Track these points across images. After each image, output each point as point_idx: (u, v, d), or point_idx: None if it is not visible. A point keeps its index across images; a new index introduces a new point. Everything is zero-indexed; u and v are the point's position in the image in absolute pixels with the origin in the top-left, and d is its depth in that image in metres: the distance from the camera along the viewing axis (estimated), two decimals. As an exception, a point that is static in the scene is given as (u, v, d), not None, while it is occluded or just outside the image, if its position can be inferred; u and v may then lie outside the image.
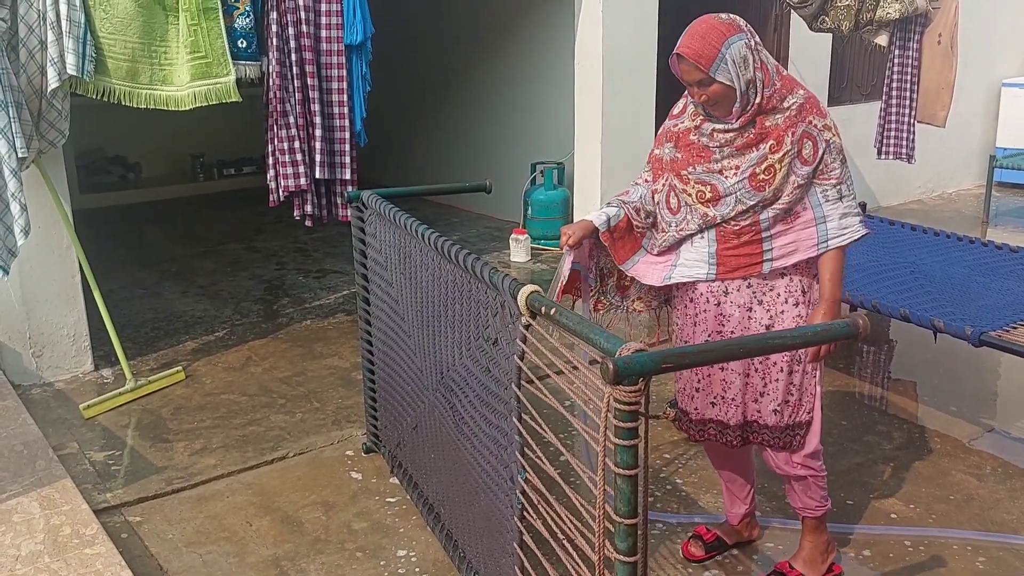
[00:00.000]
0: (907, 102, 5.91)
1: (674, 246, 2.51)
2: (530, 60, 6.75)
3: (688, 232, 2.45)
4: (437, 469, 2.86)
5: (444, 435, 2.73)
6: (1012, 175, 7.86)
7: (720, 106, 2.35)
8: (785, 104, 2.35)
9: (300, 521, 3.05)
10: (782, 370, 2.45)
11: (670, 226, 2.49)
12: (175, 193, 8.34)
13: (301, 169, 4.03)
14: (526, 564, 2.20)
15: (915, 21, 5.85)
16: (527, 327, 2.06)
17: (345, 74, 4.05)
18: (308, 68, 3.98)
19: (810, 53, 6.89)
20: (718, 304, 2.48)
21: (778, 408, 2.47)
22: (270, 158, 4.06)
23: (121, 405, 3.91)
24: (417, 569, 2.77)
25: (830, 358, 2.85)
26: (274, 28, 3.90)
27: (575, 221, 2.75)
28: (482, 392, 2.38)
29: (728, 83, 2.29)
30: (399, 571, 2.77)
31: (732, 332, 2.46)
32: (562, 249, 2.52)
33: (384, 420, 3.39)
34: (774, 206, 2.35)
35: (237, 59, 3.88)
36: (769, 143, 2.33)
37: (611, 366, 1.61)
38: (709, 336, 2.50)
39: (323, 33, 4.00)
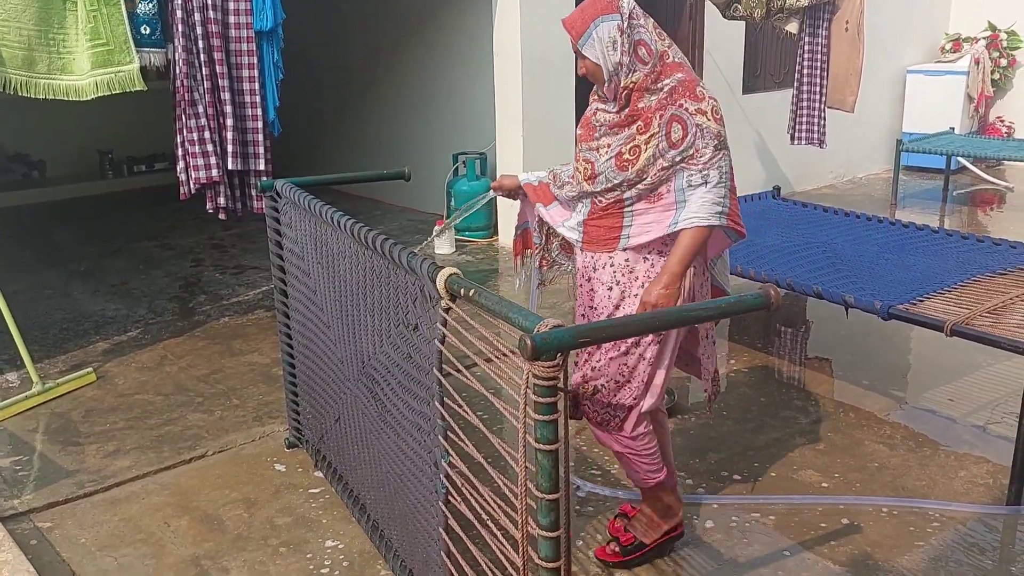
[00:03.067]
0: (817, 88, 6.08)
1: (569, 205, 2.59)
2: (450, 50, 6.70)
3: (572, 196, 2.54)
4: (361, 460, 2.81)
5: (367, 425, 2.68)
6: (918, 159, 8.16)
7: (599, 83, 2.41)
8: (658, 86, 2.36)
9: (221, 519, 2.97)
10: (619, 350, 2.44)
11: (566, 187, 2.57)
12: (83, 191, 8.02)
13: (212, 160, 3.92)
14: (452, 549, 2.18)
15: (823, 8, 6.02)
16: (447, 310, 2.04)
17: (256, 61, 3.95)
18: (216, 55, 3.87)
19: (724, 42, 7.02)
20: (588, 280, 2.54)
21: (603, 386, 2.48)
22: (179, 149, 3.93)
23: (28, 409, 3.74)
24: (343, 561, 2.73)
25: (747, 335, 2.90)
26: (179, 14, 3.77)
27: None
28: (404, 379, 2.34)
29: (595, 60, 2.36)
30: (324, 563, 2.72)
31: (599, 309, 2.50)
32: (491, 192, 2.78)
33: (306, 414, 3.33)
34: (638, 186, 2.37)
35: (140, 46, 3.75)
36: (637, 124, 2.37)
37: (529, 342, 1.61)
38: (584, 310, 2.57)
39: (231, 19, 3.89)
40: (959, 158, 7.85)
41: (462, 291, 1.97)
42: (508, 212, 6.19)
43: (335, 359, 2.85)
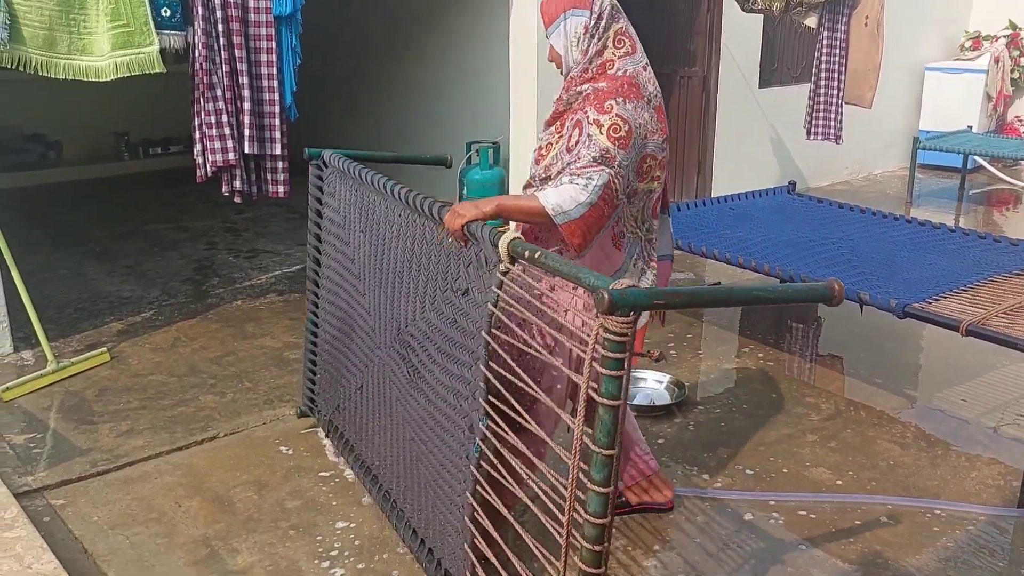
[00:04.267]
0: (835, 83, 6.04)
1: None
2: (465, 38, 6.69)
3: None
4: (381, 428, 2.83)
5: (394, 392, 2.71)
6: (935, 157, 8.10)
7: (560, 72, 2.44)
8: (579, 90, 2.37)
9: (231, 501, 2.99)
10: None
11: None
12: (98, 173, 8.03)
13: (229, 144, 3.92)
14: (479, 513, 2.19)
15: (843, 3, 5.98)
16: (505, 273, 2.08)
17: (274, 46, 3.95)
18: (235, 39, 3.87)
19: (742, 35, 6.98)
20: None
21: None
22: (197, 132, 3.94)
23: (43, 387, 3.77)
24: (354, 542, 2.74)
25: (759, 331, 2.89)
26: (199, -3, 3.78)
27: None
28: (444, 343, 2.38)
29: (558, 51, 2.41)
30: (335, 546, 2.73)
31: None
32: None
33: (323, 385, 3.35)
34: (546, 181, 2.37)
35: (161, 28, 3.75)
36: (556, 124, 2.41)
37: (606, 296, 1.66)
38: None
39: (251, 3, 3.89)
40: (976, 157, 7.79)
41: (526, 254, 2.00)
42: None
43: (367, 327, 2.88)
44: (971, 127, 8.03)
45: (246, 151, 4.00)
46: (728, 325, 4.57)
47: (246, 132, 3.97)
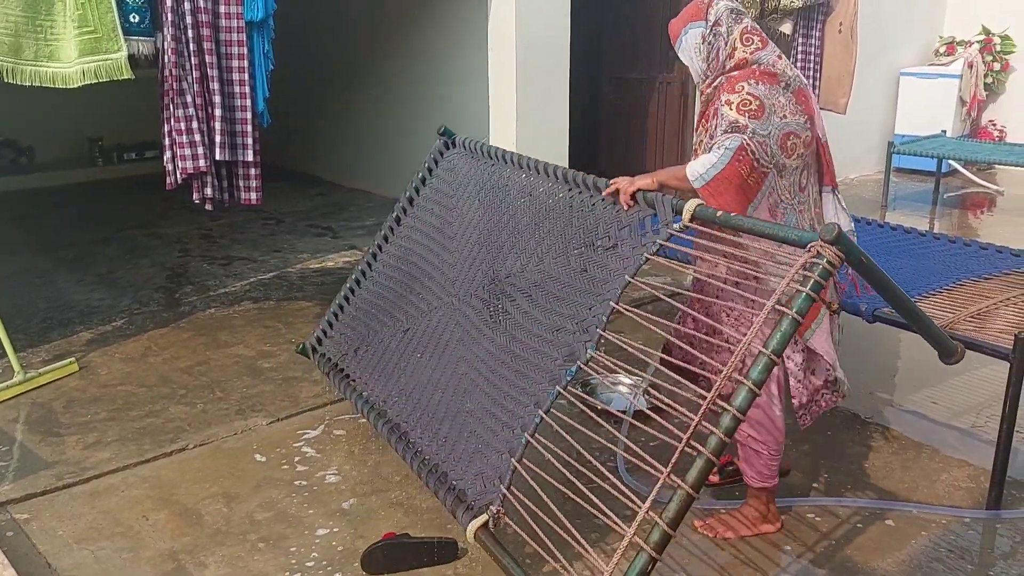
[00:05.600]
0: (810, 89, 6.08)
1: None
2: (444, 42, 6.68)
3: None
4: (422, 368, 2.99)
5: (457, 334, 2.94)
6: (909, 161, 8.17)
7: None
8: (715, 83, 2.59)
9: (200, 513, 2.95)
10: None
11: None
12: (71, 178, 7.97)
13: (200, 150, 3.88)
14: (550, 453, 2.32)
15: (817, 10, 6.02)
16: (681, 230, 2.39)
17: (246, 52, 3.91)
18: (206, 45, 3.83)
19: (718, 40, 7.01)
20: None
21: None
22: (166, 139, 3.89)
23: (9, 399, 3.72)
24: (326, 554, 2.71)
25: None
26: (168, 3, 3.73)
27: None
28: (558, 289, 2.67)
29: (686, 63, 2.67)
30: (311, 556, 2.70)
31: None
32: None
33: (344, 330, 3.51)
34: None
35: (129, 34, 3.70)
36: (703, 122, 2.64)
37: (835, 228, 2.01)
38: None
39: (221, 9, 3.84)
40: (950, 161, 7.86)
41: (716, 215, 2.32)
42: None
43: (442, 279, 3.17)
44: (945, 131, 8.10)
45: (217, 157, 3.96)
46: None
47: (217, 138, 3.93)
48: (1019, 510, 2.95)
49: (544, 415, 2.40)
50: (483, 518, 2.38)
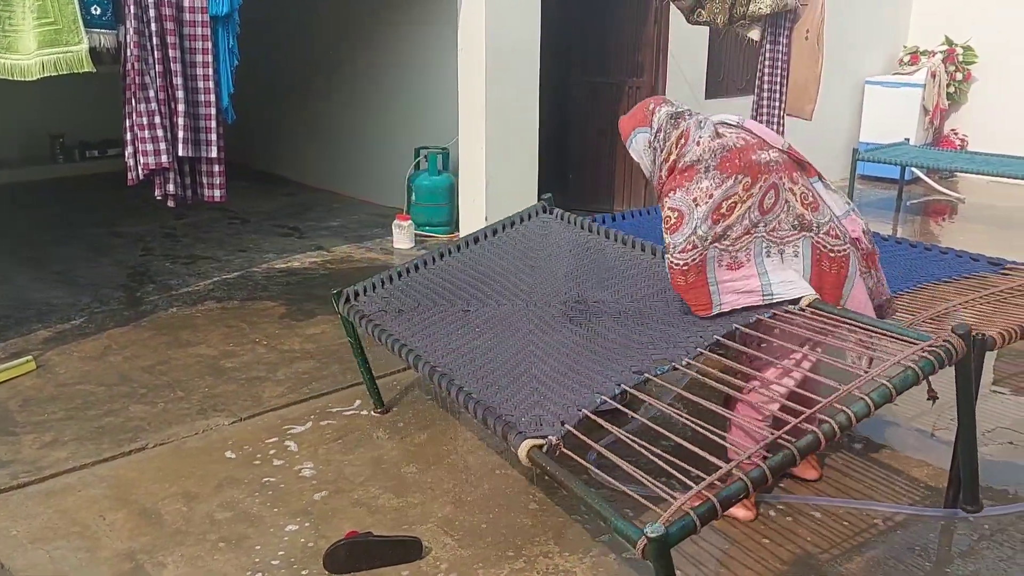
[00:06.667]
0: (777, 95, 6.13)
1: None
2: (413, 42, 6.66)
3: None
4: (483, 340, 2.90)
5: (535, 326, 2.91)
6: (874, 168, 8.28)
7: None
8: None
9: (159, 513, 2.90)
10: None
11: None
12: (31, 176, 7.81)
13: (162, 146, 3.82)
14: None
15: (785, 17, 6.07)
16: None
17: (210, 46, 3.86)
18: (170, 39, 3.78)
19: (688, 47, 7.06)
20: None
21: None
22: (128, 134, 3.83)
23: (-38, 397, 3.63)
24: (288, 553, 2.67)
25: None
26: (132, -5, 3.68)
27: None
28: (653, 317, 2.84)
29: (637, 160, 2.90)
30: (270, 559, 2.66)
31: None
32: None
33: (392, 295, 3.35)
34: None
35: (90, 27, 3.64)
36: None
37: (960, 334, 2.35)
38: None
39: (186, 2, 3.80)
40: (913, 169, 7.98)
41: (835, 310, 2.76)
42: (469, 207, 6.16)
43: (515, 289, 3.20)
44: (909, 139, 8.23)
45: (180, 154, 3.90)
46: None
47: (180, 134, 3.87)
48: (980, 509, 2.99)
49: (627, 388, 2.44)
50: (539, 440, 2.22)
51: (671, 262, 2.77)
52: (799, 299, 2.76)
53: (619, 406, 2.45)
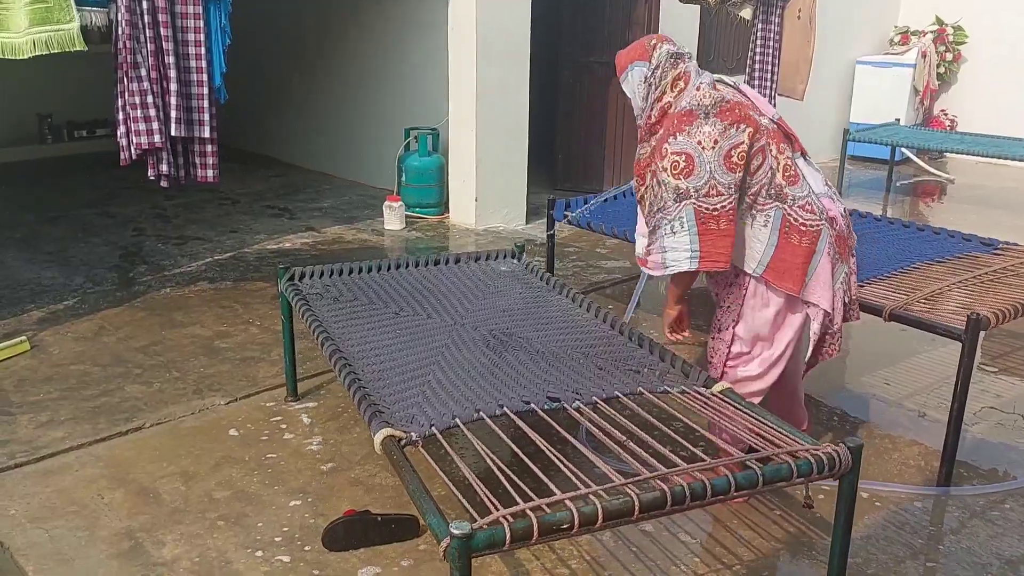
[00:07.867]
0: (768, 75, 6.14)
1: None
2: (404, 23, 6.61)
3: None
4: (400, 338, 2.92)
5: (458, 340, 2.91)
6: (864, 148, 8.31)
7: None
8: (650, 145, 2.75)
9: (157, 492, 2.91)
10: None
11: None
12: (20, 155, 7.75)
13: (155, 126, 3.80)
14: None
15: (777, -4, 6.07)
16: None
17: (202, 25, 3.84)
18: (161, 17, 3.75)
19: (679, 26, 7.04)
20: None
21: None
22: (120, 113, 3.81)
23: (-44, 378, 3.62)
24: (285, 531, 2.69)
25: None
26: (123, -27, 3.65)
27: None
28: (567, 359, 2.77)
29: (629, 96, 2.81)
30: (269, 537, 2.68)
31: None
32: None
33: (333, 283, 3.41)
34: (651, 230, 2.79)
35: (81, 5, 3.61)
36: (643, 163, 2.80)
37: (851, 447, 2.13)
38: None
39: (178, -19, 3.77)
40: (903, 149, 8.02)
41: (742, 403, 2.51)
42: (459, 189, 6.16)
43: (440, 308, 3.20)
44: (899, 120, 8.26)
45: (172, 133, 3.88)
46: (654, 308, 4.60)
47: (172, 114, 3.85)
48: (967, 487, 3.03)
49: (508, 411, 2.34)
50: (399, 432, 2.20)
51: (699, 207, 2.58)
52: (711, 384, 2.63)
53: (489, 419, 2.33)
